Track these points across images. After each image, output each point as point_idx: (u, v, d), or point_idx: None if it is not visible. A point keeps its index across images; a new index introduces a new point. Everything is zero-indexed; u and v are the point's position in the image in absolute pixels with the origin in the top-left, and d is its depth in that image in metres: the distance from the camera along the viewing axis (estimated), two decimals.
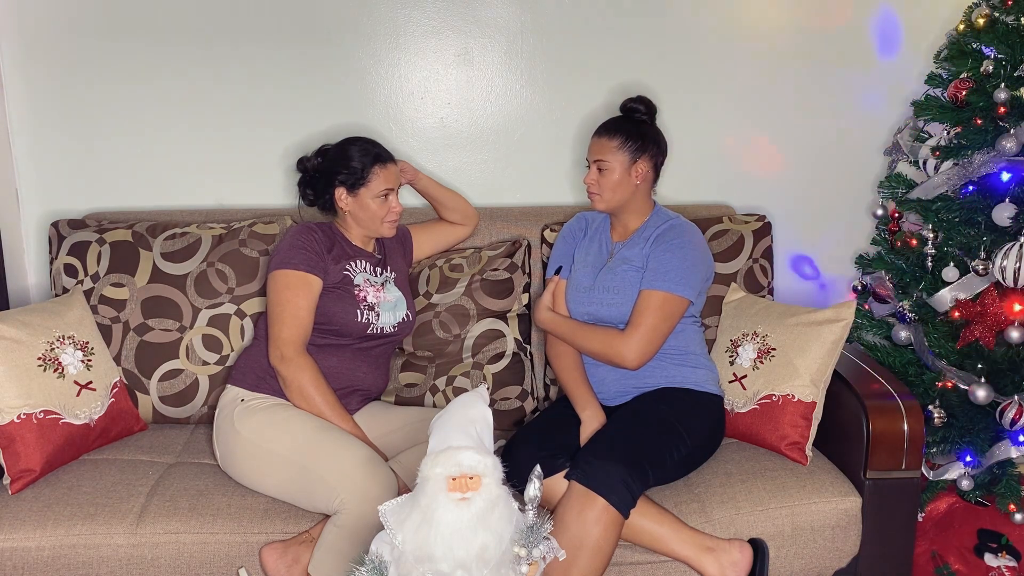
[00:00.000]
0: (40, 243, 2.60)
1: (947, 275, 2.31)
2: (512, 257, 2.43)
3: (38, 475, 1.98)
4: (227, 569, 1.89)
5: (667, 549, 1.91)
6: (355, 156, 2.16)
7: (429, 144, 2.66)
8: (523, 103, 2.65)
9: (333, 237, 2.19)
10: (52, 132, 2.56)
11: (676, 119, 2.61)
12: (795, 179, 2.77)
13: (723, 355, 2.27)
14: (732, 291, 2.40)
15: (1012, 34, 2.24)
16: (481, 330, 2.36)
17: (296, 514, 1.93)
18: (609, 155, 2.12)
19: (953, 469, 2.33)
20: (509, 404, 2.35)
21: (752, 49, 2.66)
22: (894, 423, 2.01)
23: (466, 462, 1.43)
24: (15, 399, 1.97)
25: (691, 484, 2.04)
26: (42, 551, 1.85)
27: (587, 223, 2.32)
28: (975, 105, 2.28)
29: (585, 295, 2.19)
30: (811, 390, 2.10)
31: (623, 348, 2.07)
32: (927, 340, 2.36)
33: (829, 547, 2.00)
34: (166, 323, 2.28)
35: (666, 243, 2.13)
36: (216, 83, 2.56)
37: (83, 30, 2.50)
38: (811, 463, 2.11)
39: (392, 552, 1.48)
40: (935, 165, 2.36)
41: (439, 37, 2.60)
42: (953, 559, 2.28)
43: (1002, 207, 2.22)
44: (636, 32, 2.62)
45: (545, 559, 1.52)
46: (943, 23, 2.63)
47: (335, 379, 2.10)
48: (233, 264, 2.32)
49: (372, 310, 2.15)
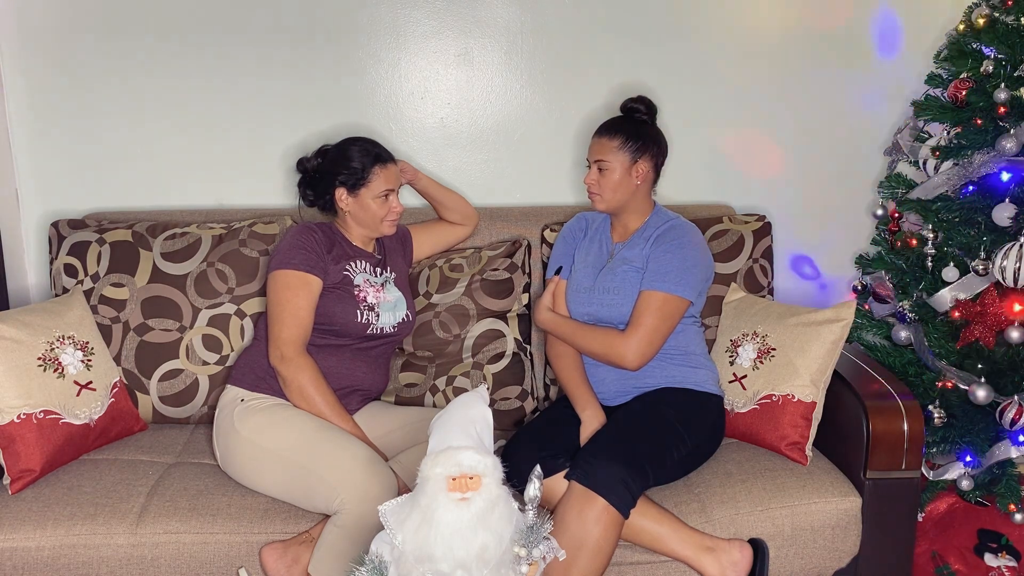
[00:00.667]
0: (40, 243, 2.60)
1: (947, 275, 2.31)
2: (512, 257, 2.43)
3: (38, 475, 1.98)
4: (227, 569, 1.89)
5: (667, 549, 1.91)
6: (355, 156, 2.16)
7: (429, 144, 2.66)
8: (523, 103, 2.65)
9: (333, 237, 2.19)
10: (52, 132, 2.56)
11: (676, 119, 2.61)
12: (795, 179, 2.78)
13: (723, 355, 2.27)
14: (732, 291, 2.40)
15: (1012, 34, 2.24)
16: (481, 330, 2.36)
17: (296, 514, 1.93)
18: (610, 155, 2.12)
19: (953, 469, 2.33)
20: (509, 404, 2.35)
21: (752, 49, 2.67)
22: (894, 423, 2.01)
23: (466, 462, 1.43)
24: (15, 399, 1.97)
25: (691, 484, 2.04)
26: (42, 551, 1.85)
27: (587, 223, 2.32)
28: (975, 105, 2.28)
29: (585, 295, 2.19)
30: (811, 390, 2.10)
31: (623, 349, 2.07)
32: (927, 340, 2.36)
33: (829, 547, 2.00)
34: (166, 323, 2.28)
35: (666, 244, 2.12)
36: (216, 83, 2.56)
37: (83, 30, 2.50)
38: (811, 463, 2.11)
39: (392, 552, 1.48)
40: (935, 165, 2.36)
41: (439, 37, 2.60)
42: (953, 559, 2.28)
43: (1002, 207, 2.22)
44: (636, 32, 2.62)
45: (545, 559, 1.52)
46: (943, 23, 2.63)
47: (335, 379, 2.10)
48: (233, 264, 2.32)
49: (372, 310, 2.15)
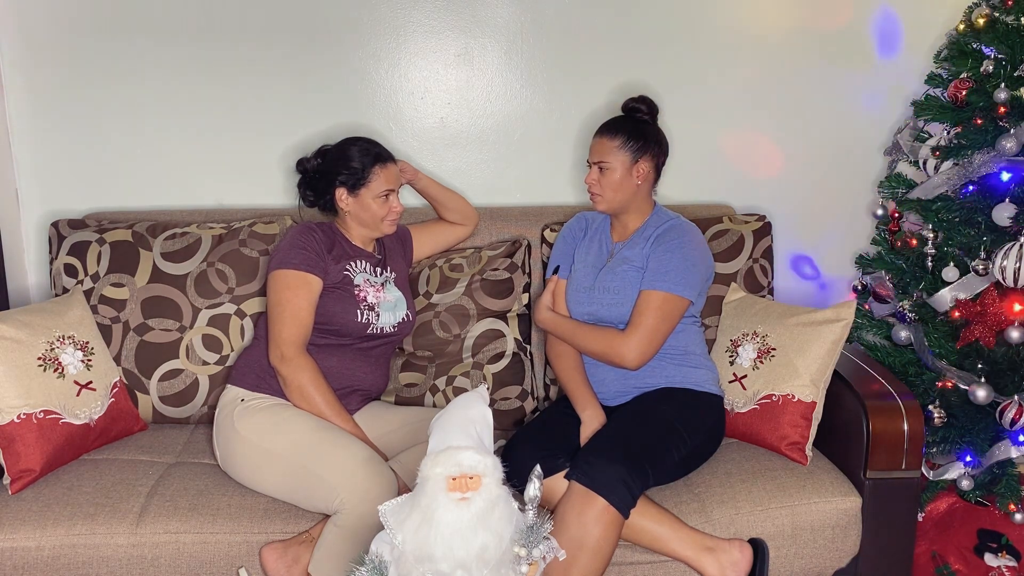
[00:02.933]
0: (40, 243, 2.60)
1: (947, 275, 2.31)
2: (512, 257, 2.43)
3: (38, 475, 1.98)
4: (227, 569, 1.89)
5: (667, 549, 1.91)
6: (355, 156, 2.16)
7: (429, 144, 2.66)
8: (523, 103, 2.65)
9: (333, 237, 2.19)
10: (52, 132, 2.56)
11: (677, 119, 2.61)
12: (795, 179, 2.77)
13: (723, 355, 2.27)
14: (732, 291, 2.40)
15: (1012, 34, 2.24)
16: (481, 330, 2.36)
17: (296, 514, 1.93)
18: (610, 155, 2.11)
19: (953, 469, 2.33)
20: (509, 404, 2.35)
21: (752, 49, 2.66)
22: (894, 423, 2.01)
23: (466, 462, 1.43)
24: (15, 399, 1.97)
25: (691, 484, 2.04)
26: (42, 551, 1.85)
27: (587, 223, 2.32)
28: (975, 105, 2.28)
29: (585, 295, 2.19)
30: (811, 390, 2.10)
31: (623, 348, 2.07)
32: (927, 340, 2.36)
33: (829, 547, 2.00)
34: (166, 323, 2.28)
35: (666, 243, 2.12)
36: (216, 83, 2.56)
37: (83, 30, 2.50)
38: (811, 463, 2.11)
39: (392, 552, 1.48)
40: (935, 165, 2.36)
41: (439, 37, 2.60)
42: (953, 559, 2.28)
43: (1002, 207, 2.22)
44: (636, 32, 2.62)
45: (545, 559, 1.52)
46: (943, 23, 2.63)
47: (335, 379, 2.10)
48: (233, 264, 2.31)
49: (372, 310, 2.15)
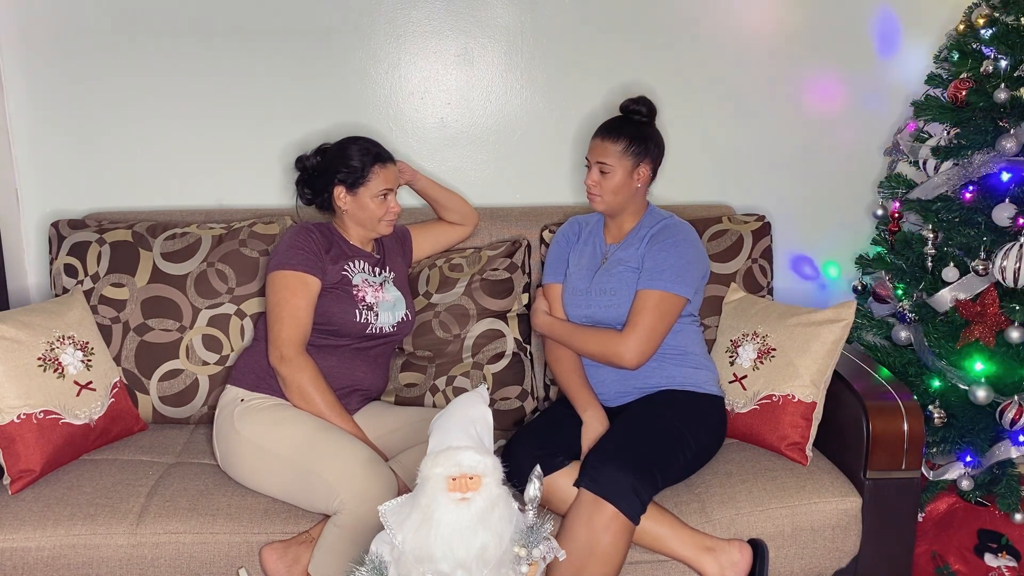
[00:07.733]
0: (40, 243, 2.60)
1: (947, 275, 2.31)
2: (512, 257, 2.43)
3: (38, 475, 1.98)
4: (227, 569, 1.89)
5: (667, 549, 1.91)
6: (355, 155, 2.16)
7: (429, 144, 2.66)
8: (523, 103, 2.65)
9: (331, 237, 2.19)
10: (52, 132, 2.56)
11: (676, 119, 2.61)
12: (795, 179, 2.77)
13: (723, 355, 2.27)
14: (732, 291, 2.40)
15: (1012, 34, 2.24)
16: (481, 330, 2.36)
17: (296, 514, 1.93)
18: (612, 159, 2.11)
19: (953, 469, 2.33)
20: (509, 404, 2.35)
21: (752, 49, 2.66)
22: (894, 423, 2.01)
23: (466, 462, 1.43)
24: (15, 399, 1.97)
25: (691, 484, 2.04)
26: (42, 551, 1.85)
27: (580, 227, 2.32)
28: (975, 105, 2.28)
29: (582, 298, 2.19)
30: (811, 390, 2.10)
31: (621, 348, 2.07)
32: (927, 340, 2.36)
33: (829, 547, 2.00)
34: (166, 323, 2.28)
35: (661, 242, 2.13)
36: (216, 83, 2.56)
37: (83, 30, 2.50)
38: (811, 463, 2.11)
39: (392, 552, 1.48)
40: (935, 165, 2.36)
41: (439, 37, 2.60)
42: (953, 559, 2.28)
43: (1002, 207, 2.22)
44: (636, 32, 2.62)
45: (545, 559, 1.52)
46: (943, 23, 2.64)
47: (334, 379, 2.10)
48: (233, 264, 2.32)
49: (371, 310, 2.15)
